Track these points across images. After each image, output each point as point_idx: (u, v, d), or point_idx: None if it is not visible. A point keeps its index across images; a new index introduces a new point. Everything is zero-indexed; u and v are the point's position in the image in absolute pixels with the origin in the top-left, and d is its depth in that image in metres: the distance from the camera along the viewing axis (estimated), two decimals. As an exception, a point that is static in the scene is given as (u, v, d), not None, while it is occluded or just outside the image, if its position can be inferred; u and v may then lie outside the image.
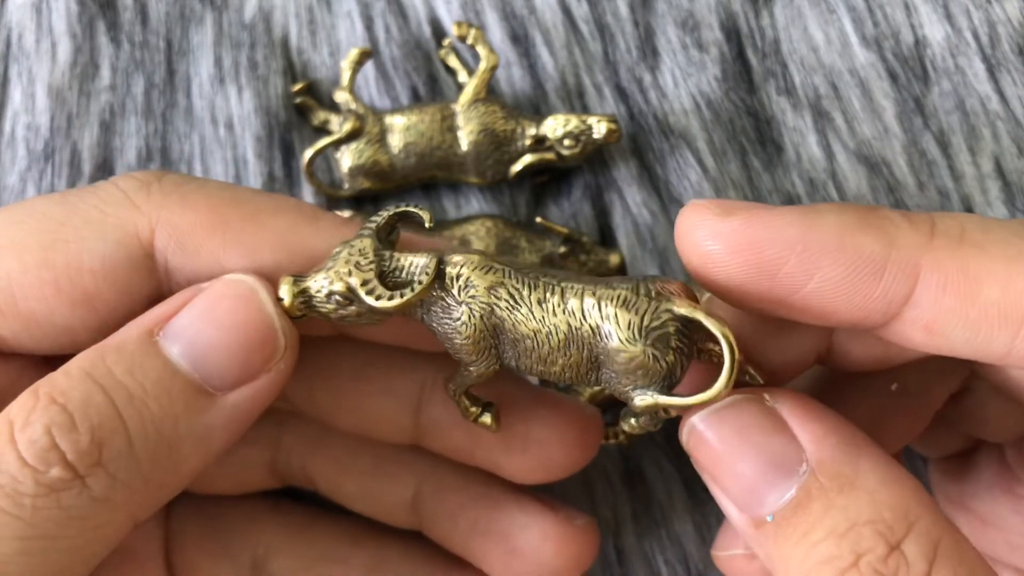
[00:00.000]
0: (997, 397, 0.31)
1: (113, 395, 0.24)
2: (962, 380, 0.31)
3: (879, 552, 0.23)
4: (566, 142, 0.38)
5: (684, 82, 0.40)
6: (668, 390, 0.25)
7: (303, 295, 0.26)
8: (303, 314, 0.27)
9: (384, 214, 0.27)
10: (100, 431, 0.23)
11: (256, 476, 0.34)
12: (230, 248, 0.27)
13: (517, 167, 0.38)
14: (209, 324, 0.25)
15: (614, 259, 0.38)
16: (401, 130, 0.38)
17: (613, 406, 0.37)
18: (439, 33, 0.41)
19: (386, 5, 0.41)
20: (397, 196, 0.40)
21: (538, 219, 0.37)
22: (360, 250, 0.26)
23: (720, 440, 0.25)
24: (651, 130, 0.40)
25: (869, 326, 0.25)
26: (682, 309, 0.25)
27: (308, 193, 0.39)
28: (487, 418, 0.29)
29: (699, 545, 0.37)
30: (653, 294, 0.25)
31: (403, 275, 0.26)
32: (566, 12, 0.41)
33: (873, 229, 0.24)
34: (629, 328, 0.25)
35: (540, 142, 0.38)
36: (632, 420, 0.28)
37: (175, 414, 0.25)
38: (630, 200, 0.39)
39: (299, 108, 0.40)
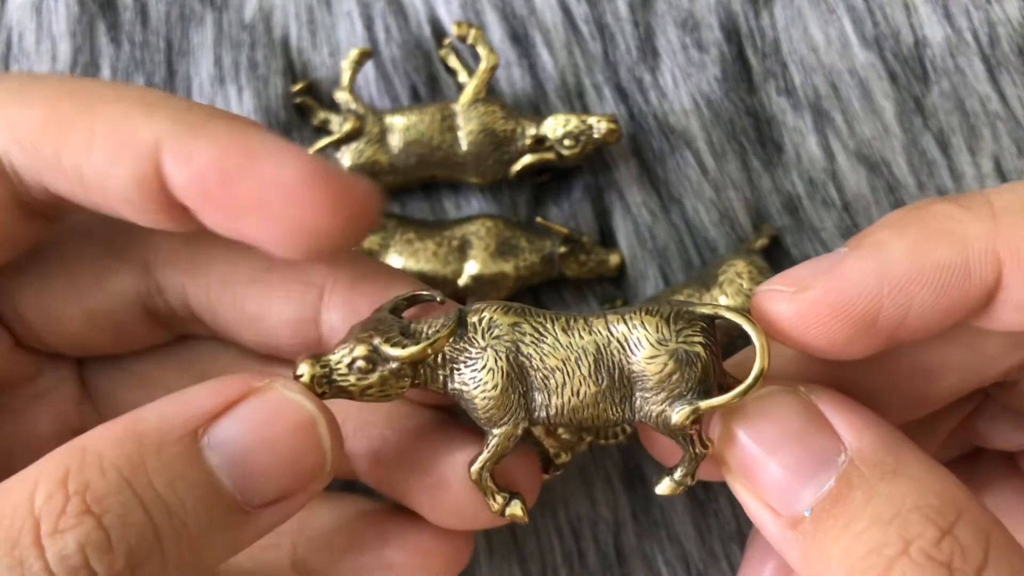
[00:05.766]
0: (1007, 415, 0.31)
1: (153, 512, 0.23)
2: (975, 403, 0.31)
3: (930, 536, 0.22)
4: (566, 142, 0.38)
5: (684, 82, 0.40)
6: (705, 395, 0.25)
7: (324, 371, 0.26)
8: (324, 392, 0.26)
9: (392, 299, 0.27)
10: (136, 554, 0.22)
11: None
12: (64, 144, 0.26)
13: (517, 167, 0.38)
14: (261, 448, 0.24)
15: (614, 259, 0.38)
16: (401, 130, 0.38)
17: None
18: (439, 33, 0.41)
19: (386, 5, 0.41)
20: (397, 196, 0.40)
21: (538, 219, 0.37)
22: (377, 319, 0.26)
23: (755, 432, 0.24)
24: (651, 130, 0.40)
25: (967, 320, 0.25)
26: (704, 309, 0.26)
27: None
28: (516, 508, 0.28)
29: (699, 545, 0.37)
30: (675, 305, 0.26)
31: (424, 336, 0.26)
32: (566, 12, 0.41)
33: (940, 236, 0.24)
34: (657, 330, 0.25)
35: (540, 142, 0.38)
36: (668, 479, 0.28)
37: (210, 531, 0.24)
38: (630, 200, 0.39)
39: (299, 108, 0.40)
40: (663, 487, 0.27)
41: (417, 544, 0.31)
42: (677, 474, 0.27)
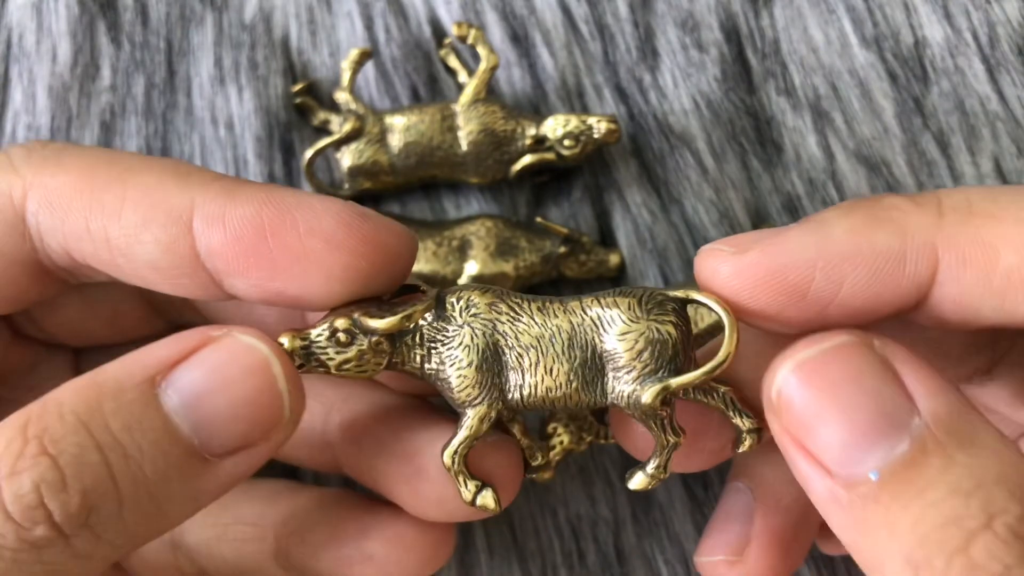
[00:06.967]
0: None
1: (108, 454, 0.23)
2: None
3: (1016, 512, 0.20)
4: (566, 142, 0.38)
5: (684, 82, 0.40)
6: (675, 373, 0.26)
7: (304, 343, 0.26)
8: (302, 364, 0.26)
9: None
10: (92, 494, 0.22)
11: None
12: (95, 208, 0.26)
13: (517, 167, 0.38)
14: (217, 391, 0.24)
15: (614, 259, 0.38)
16: (401, 130, 0.38)
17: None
18: (439, 33, 0.41)
19: (386, 5, 0.41)
20: (397, 196, 0.40)
21: (538, 219, 0.37)
22: (357, 303, 0.27)
23: (822, 384, 0.23)
24: (651, 130, 0.40)
25: (903, 313, 0.25)
26: (676, 292, 0.27)
27: (308, 193, 0.39)
28: (488, 499, 0.28)
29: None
30: (648, 288, 0.27)
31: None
32: (566, 12, 0.41)
33: (883, 223, 0.24)
34: (630, 309, 0.26)
35: (540, 142, 0.38)
36: (641, 473, 0.28)
37: (168, 478, 0.24)
38: (630, 200, 0.39)
39: (299, 108, 0.40)
40: (636, 481, 0.28)
41: (397, 536, 0.31)
42: (650, 467, 0.27)
